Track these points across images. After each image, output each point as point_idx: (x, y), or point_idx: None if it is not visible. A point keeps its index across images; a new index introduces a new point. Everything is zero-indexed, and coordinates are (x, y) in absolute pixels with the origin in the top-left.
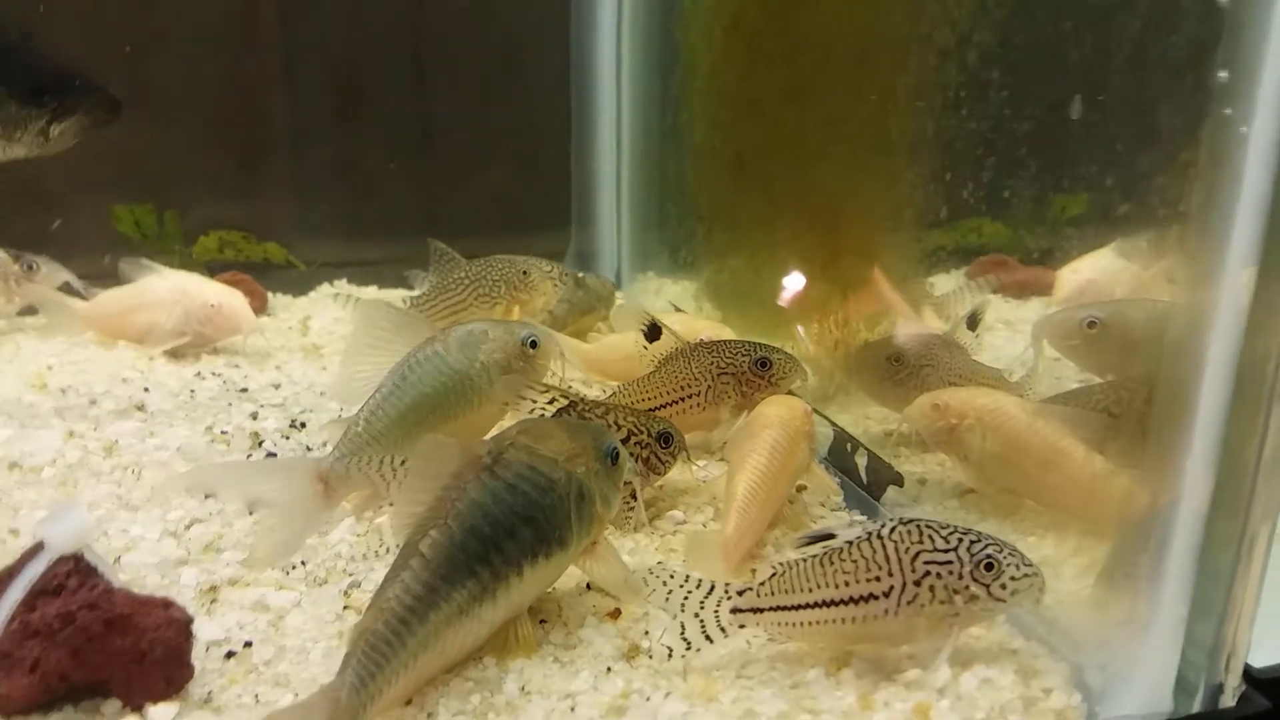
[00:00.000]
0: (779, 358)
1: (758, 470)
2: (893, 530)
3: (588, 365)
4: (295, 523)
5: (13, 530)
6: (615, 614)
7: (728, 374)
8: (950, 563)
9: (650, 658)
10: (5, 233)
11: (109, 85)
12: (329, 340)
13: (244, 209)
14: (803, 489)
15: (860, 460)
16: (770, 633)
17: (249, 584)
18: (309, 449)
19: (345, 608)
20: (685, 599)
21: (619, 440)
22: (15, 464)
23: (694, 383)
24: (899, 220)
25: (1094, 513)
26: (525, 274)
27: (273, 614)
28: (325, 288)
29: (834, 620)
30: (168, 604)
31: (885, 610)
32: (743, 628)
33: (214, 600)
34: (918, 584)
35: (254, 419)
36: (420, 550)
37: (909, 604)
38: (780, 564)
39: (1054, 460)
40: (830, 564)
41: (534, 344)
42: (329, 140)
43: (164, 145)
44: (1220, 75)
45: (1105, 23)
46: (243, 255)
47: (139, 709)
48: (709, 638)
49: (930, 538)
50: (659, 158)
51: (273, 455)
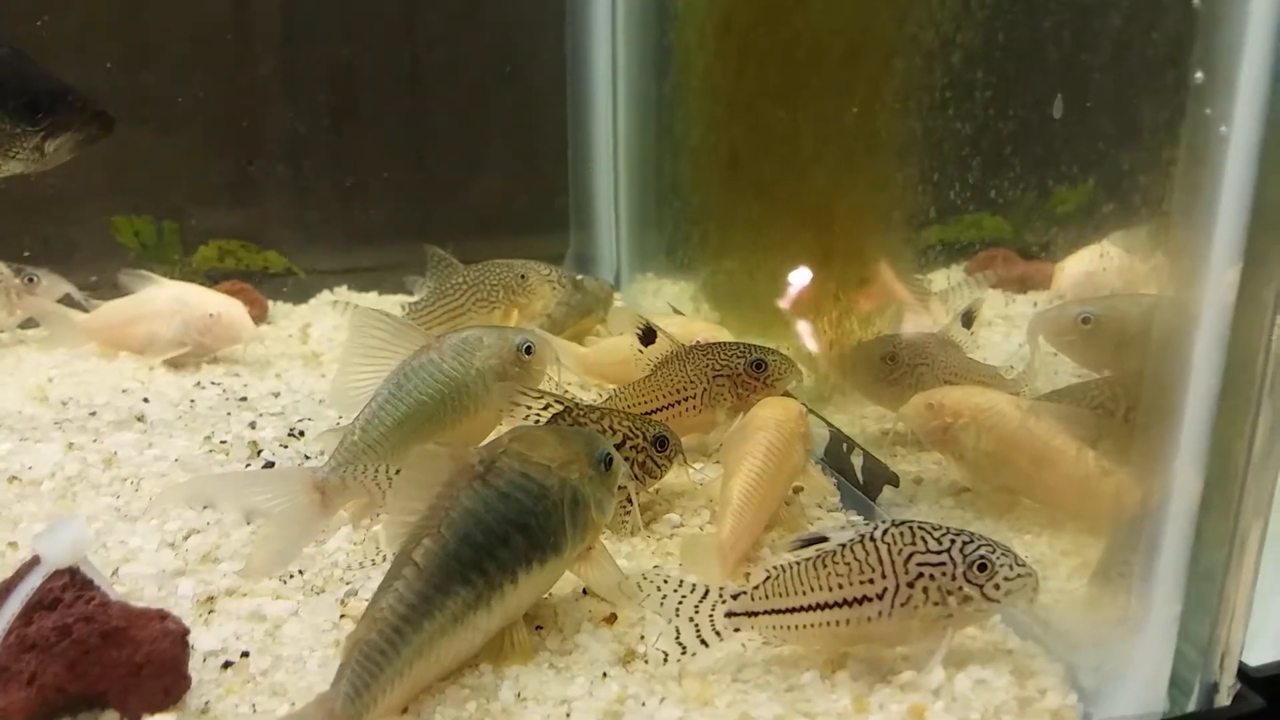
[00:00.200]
0: (774, 359)
1: (753, 473)
2: (886, 532)
3: (584, 368)
4: (292, 532)
5: (11, 543)
6: (611, 619)
7: (723, 376)
8: (943, 564)
9: (646, 663)
10: (5, 246)
11: (104, 99)
12: (329, 348)
13: (243, 218)
14: (799, 490)
15: (856, 460)
16: (765, 636)
17: (246, 594)
18: (307, 457)
19: (342, 616)
20: (680, 603)
21: (613, 446)
22: (15, 477)
23: (689, 385)
24: (891, 219)
25: (1089, 510)
26: (523, 278)
27: (269, 624)
28: (325, 295)
29: (828, 623)
30: (164, 616)
31: (879, 612)
32: (738, 631)
33: (211, 611)
34: (911, 586)
35: (252, 428)
36: (413, 559)
37: (903, 606)
38: (774, 567)
39: (1049, 458)
40: (824, 567)
41: (529, 350)
42: (327, 147)
43: (163, 155)
44: (1196, 76)
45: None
46: (242, 264)
47: None
48: (704, 642)
49: (923, 539)
50: (655, 159)
51: (270, 465)
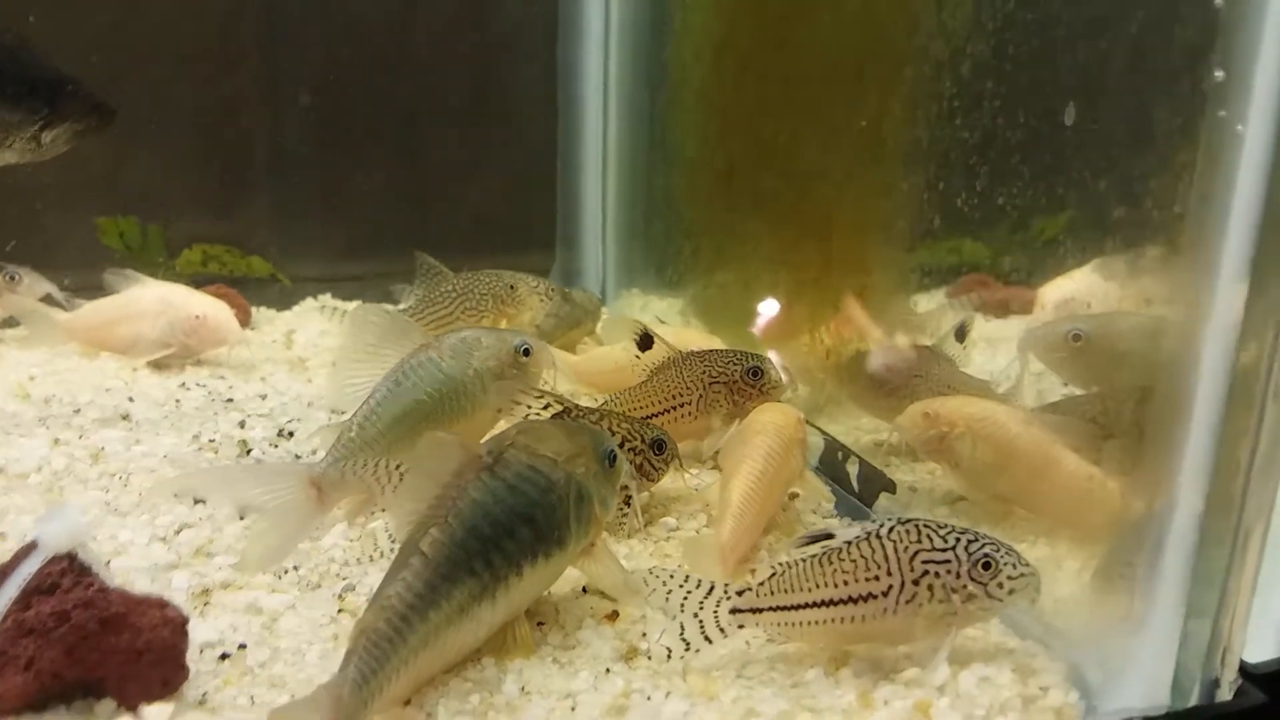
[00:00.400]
0: (771, 366)
1: (753, 475)
2: (891, 530)
3: (576, 377)
4: (288, 527)
5: (0, 534)
6: (613, 616)
7: (719, 383)
8: (948, 562)
9: (649, 659)
10: None
11: (101, 92)
12: (314, 353)
13: (228, 223)
14: (795, 496)
15: (852, 468)
16: (769, 633)
17: (241, 587)
18: (297, 457)
19: (340, 610)
20: (685, 599)
21: (616, 444)
22: (0, 470)
23: (686, 391)
24: (889, 234)
25: (1083, 519)
26: (512, 288)
27: (266, 617)
28: (309, 302)
29: (833, 620)
30: (164, 604)
31: (884, 609)
32: (742, 628)
33: (206, 603)
34: (916, 583)
35: (241, 427)
36: (421, 549)
37: (907, 603)
38: (779, 564)
39: (1044, 468)
40: (829, 564)
41: (527, 351)
42: (314, 156)
43: (149, 159)
44: (1216, 75)
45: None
46: (226, 269)
47: (134, 709)
48: (708, 638)
49: (928, 537)
50: (646, 173)
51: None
